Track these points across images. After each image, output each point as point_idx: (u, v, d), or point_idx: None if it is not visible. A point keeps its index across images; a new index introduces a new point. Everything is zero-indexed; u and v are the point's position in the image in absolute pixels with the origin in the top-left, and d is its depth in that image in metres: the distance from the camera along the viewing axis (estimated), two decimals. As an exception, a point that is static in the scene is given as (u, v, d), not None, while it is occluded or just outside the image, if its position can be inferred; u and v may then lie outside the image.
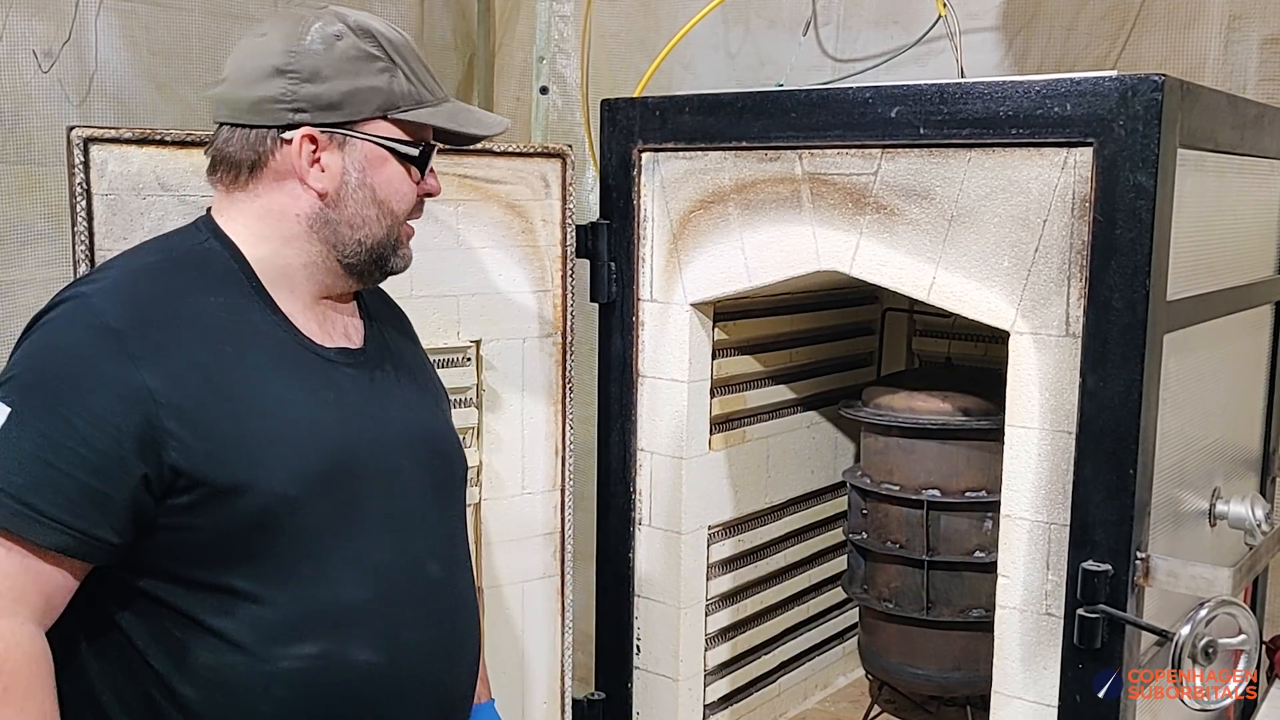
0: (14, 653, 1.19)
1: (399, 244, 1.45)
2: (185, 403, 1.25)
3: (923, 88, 1.72)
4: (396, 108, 1.39)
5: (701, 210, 1.98)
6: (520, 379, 2.07)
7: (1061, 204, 1.62)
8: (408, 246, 1.47)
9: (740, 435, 2.24)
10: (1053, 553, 1.65)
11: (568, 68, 3.14)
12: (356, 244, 1.40)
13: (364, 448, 1.39)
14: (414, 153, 1.41)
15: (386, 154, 1.40)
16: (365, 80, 1.37)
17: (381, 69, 1.38)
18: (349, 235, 1.40)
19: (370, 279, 1.47)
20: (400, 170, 1.41)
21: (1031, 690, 1.69)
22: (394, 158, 1.40)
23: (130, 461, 1.22)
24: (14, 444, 1.21)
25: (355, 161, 1.39)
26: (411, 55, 1.42)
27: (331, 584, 1.33)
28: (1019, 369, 1.67)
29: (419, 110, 1.41)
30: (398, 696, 1.38)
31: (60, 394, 1.23)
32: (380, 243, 1.42)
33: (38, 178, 2.32)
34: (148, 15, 2.50)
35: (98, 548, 1.23)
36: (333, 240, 1.40)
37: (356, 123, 1.38)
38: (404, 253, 1.47)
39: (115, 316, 1.27)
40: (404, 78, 1.40)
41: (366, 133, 1.38)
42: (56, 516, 1.20)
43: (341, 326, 1.46)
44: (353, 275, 1.44)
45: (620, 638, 2.15)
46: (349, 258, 1.41)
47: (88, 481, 1.21)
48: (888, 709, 2.36)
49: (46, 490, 1.20)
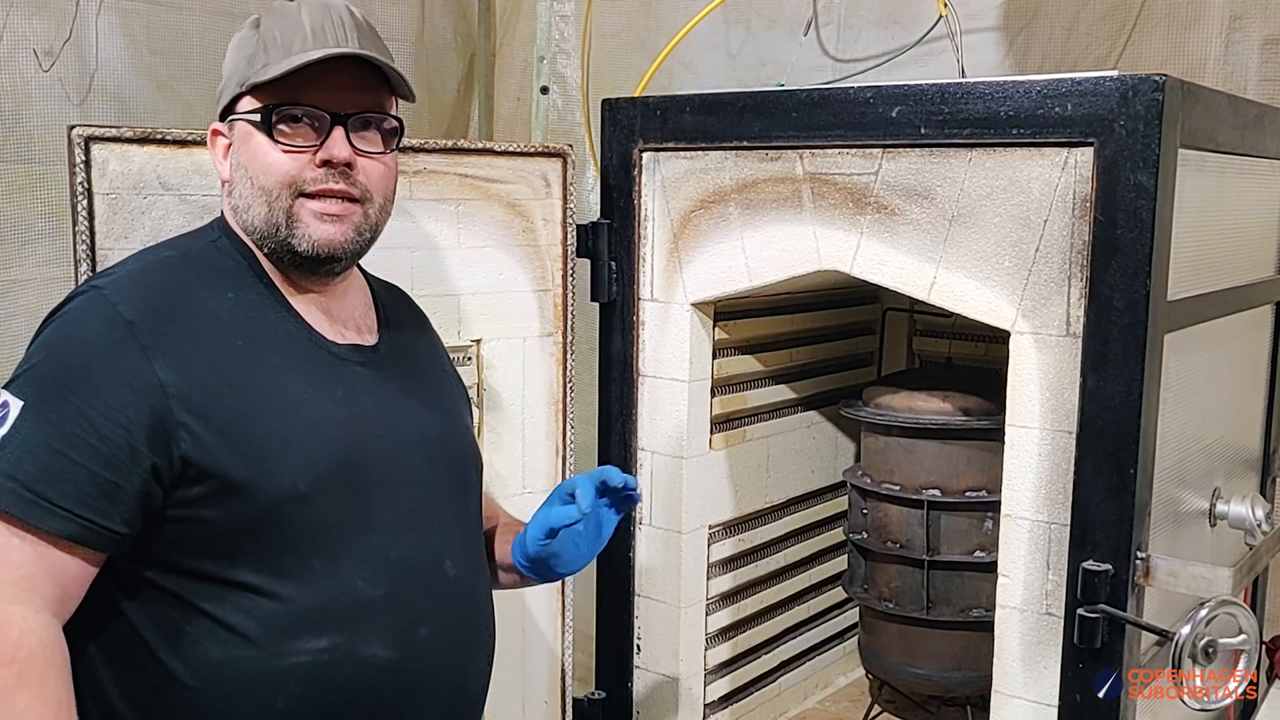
0: (28, 639, 1.20)
1: (293, 221, 1.35)
2: (197, 395, 1.26)
3: (924, 88, 1.72)
4: (247, 80, 1.36)
5: (702, 210, 1.98)
6: (521, 378, 2.07)
7: (1062, 204, 1.62)
8: (315, 224, 1.35)
9: (741, 435, 2.24)
10: (1053, 552, 1.65)
11: (568, 67, 3.14)
12: (251, 227, 1.38)
13: (375, 445, 1.39)
14: (256, 118, 1.36)
15: (250, 128, 1.36)
16: (236, 64, 1.39)
17: (251, 48, 1.37)
18: (244, 219, 1.39)
19: (304, 267, 1.38)
20: (262, 141, 1.35)
21: (1032, 690, 1.69)
22: (254, 129, 1.36)
23: (140, 452, 1.23)
24: (28, 434, 1.22)
25: (237, 145, 1.39)
26: (286, 22, 1.36)
27: (343, 579, 1.33)
28: (1019, 369, 1.67)
29: (263, 71, 1.35)
30: (411, 693, 1.38)
31: (73, 385, 1.24)
32: (267, 221, 1.36)
33: (38, 176, 2.33)
34: (148, 14, 2.50)
35: (107, 537, 1.24)
36: (241, 226, 1.39)
37: (233, 106, 1.38)
38: (304, 231, 1.35)
39: (129, 309, 1.28)
40: (264, 49, 1.36)
41: (237, 112, 1.38)
42: (67, 506, 1.21)
43: (354, 324, 1.46)
44: (282, 262, 1.39)
45: (620, 637, 2.15)
46: (258, 241, 1.39)
47: (98, 472, 1.22)
48: (888, 709, 2.36)
49: (58, 480, 1.21)
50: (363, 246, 1.42)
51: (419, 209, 1.91)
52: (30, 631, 1.20)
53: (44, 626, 1.21)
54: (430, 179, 1.91)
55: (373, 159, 1.39)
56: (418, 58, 3.09)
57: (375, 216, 1.42)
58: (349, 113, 1.36)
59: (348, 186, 1.37)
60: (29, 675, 1.19)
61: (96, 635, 1.31)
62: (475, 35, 3.28)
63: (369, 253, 1.47)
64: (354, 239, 1.39)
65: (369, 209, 1.40)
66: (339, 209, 1.37)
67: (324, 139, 1.35)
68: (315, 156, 1.35)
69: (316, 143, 1.35)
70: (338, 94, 1.36)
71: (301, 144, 1.35)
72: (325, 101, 1.35)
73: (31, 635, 1.20)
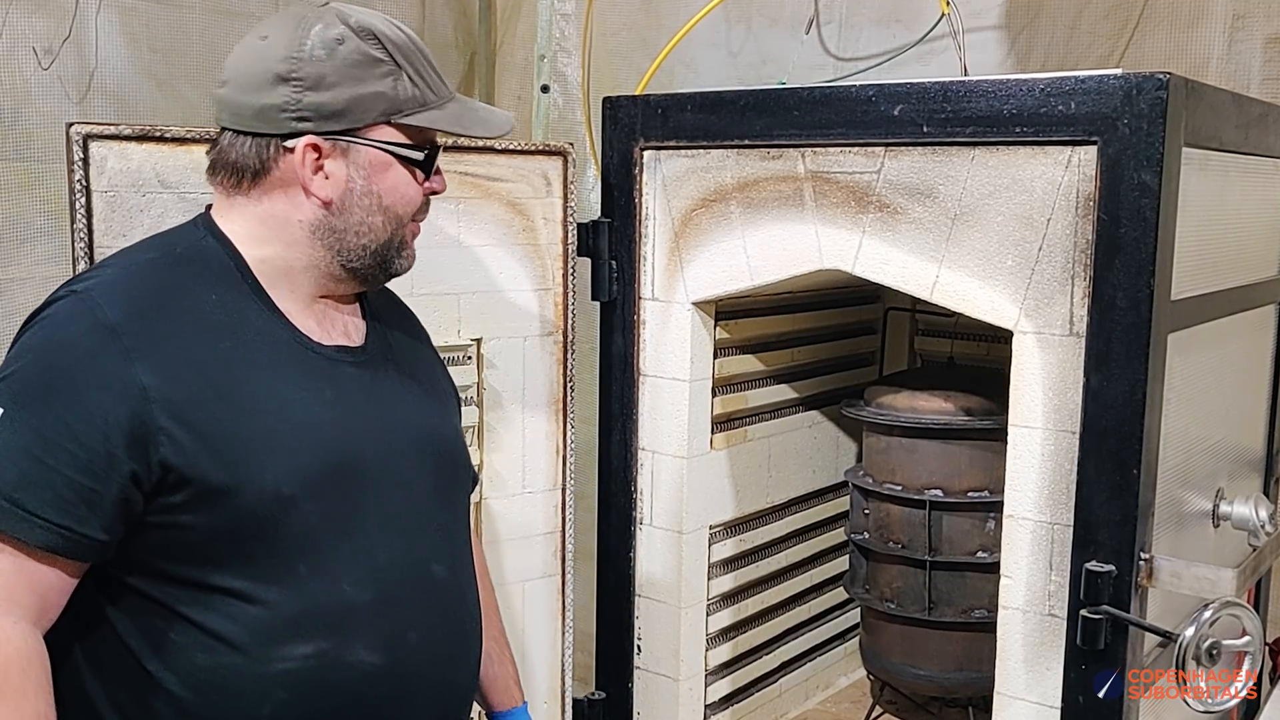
0: (5, 648, 1.19)
1: (403, 245, 1.44)
2: (180, 399, 1.25)
3: (926, 86, 1.71)
4: (400, 112, 1.37)
5: (703, 209, 1.97)
6: (521, 378, 2.07)
7: (1065, 203, 1.61)
8: (412, 247, 1.46)
9: (742, 434, 2.24)
10: (1056, 553, 1.65)
11: (569, 66, 3.13)
12: (362, 249, 1.39)
13: (365, 446, 1.38)
14: (419, 157, 1.40)
15: (391, 159, 1.38)
16: (369, 86, 1.35)
17: (385, 72, 1.36)
18: (354, 241, 1.39)
19: (374, 281, 1.46)
20: (405, 174, 1.40)
21: (1034, 691, 1.68)
22: (398, 162, 1.39)
23: (119, 457, 1.22)
24: (6, 441, 1.21)
25: (359, 168, 1.37)
26: (416, 55, 1.39)
27: (330, 584, 1.32)
28: (1022, 368, 1.66)
29: (423, 113, 1.39)
30: (399, 698, 1.37)
31: (54, 389, 1.23)
32: (384, 245, 1.41)
33: (37, 175, 2.32)
34: (148, 12, 2.50)
35: (87, 545, 1.23)
36: (337, 246, 1.39)
37: (360, 129, 1.36)
38: (408, 254, 1.45)
39: (111, 312, 1.26)
40: (408, 80, 1.38)
41: (370, 138, 1.36)
42: (44, 514, 1.20)
43: (341, 325, 1.45)
44: (355, 278, 1.43)
45: (621, 637, 2.15)
46: (353, 262, 1.40)
47: (76, 478, 1.21)
48: (889, 710, 2.35)
49: (36, 487, 1.20)
50: None
51: (419, 207, 1.90)
52: (8, 640, 1.19)
53: (22, 637, 1.20)
54: (430, 177, 1.91)
55: None
56: (418, 56, 3.08)
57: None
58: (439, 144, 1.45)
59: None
60: (6, 687, 1.18)
61: (81, 643, 1.30)
62: (476, 34, 3.27)
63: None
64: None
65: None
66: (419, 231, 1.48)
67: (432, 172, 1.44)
68: (425, 188, 1.44)
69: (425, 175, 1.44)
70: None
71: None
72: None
73: (9, 644, 1.19)
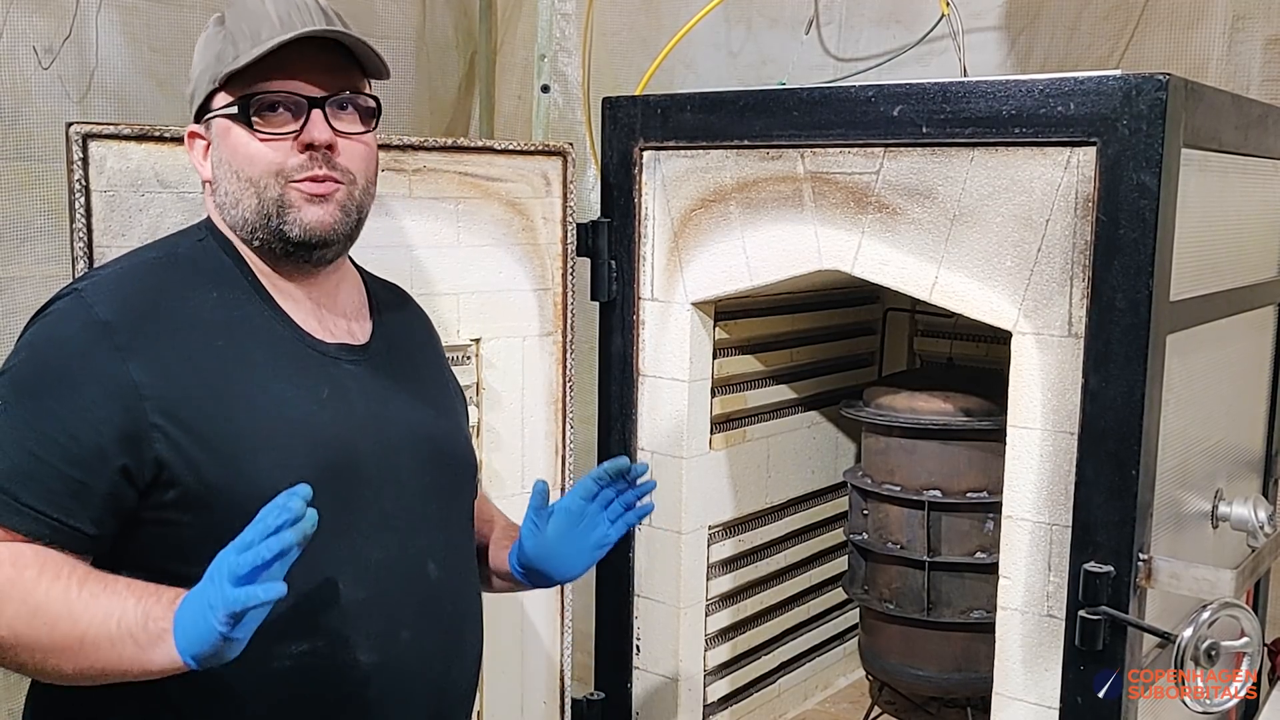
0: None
1: (285, 208, 1.34)
2: (174, 397, 1.25)
3: (925, 86, 1.71)
4: (219, 75, 1.35)
5: (703, 209, 1.97)
6: (520, 377, 2.07)
7: (1064, 203, 1.61)
8: (306, 207, 1.35)
9: (741, 435, 2.24)
10: (1054, 554, 1.65)
11: (569, 66, 3.13)
12: (242, 221, 1.37)
13: (363, 445, 1.38)
14: (233, 111, 1.35)
15: (228, 122, 1.36)
16: (206, 62, 1.38)
17: (219, 42, 1.36)
18: (233, 214, 1.37)
19: (298, 254, 1.38)
20: (241, 134, 1.35)
21: (1033, 692, 1.68)
22: (233, 123, 1.35)
23: (110, 453, 1.23)
24: (2, 433, 1.23)
25: (217, 141, 1.38)
26: (250, 13, 1.35)
27: (323, 582, 1.32)
28: (1021, 369, 1.66)
29: (234, 63, 1.33)
30: (394, 697, 1.37)
31: (49, 386, 1.24)
32: (257, 212, 1.35)
33: (37, 174, 2.33)
34: (148, 12, 2.50)
35: (74, 537, 1.23)
36: (229, 223, 1.39)
37: (208, 104, 1.37)
38: (296, 216, 1.34)
39: (106, 311, 1.27)
40: (233, 43, 1.35)
41: (212, 109, 1.37)
42: (33, 505, 1.21)
43: (345, 323, 1.45)
44: (274, 255, 1.38)
45: (620, 638, 2.15)
46: (247, 237, 1.38)
47: (68, 472, 1.22)
48: (888, 710, 2.35)
49: (27, 479, 1.21)
50: (351, 229, 1.41)
51: (418, 207, 1.90)
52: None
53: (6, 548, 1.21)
54: (430, 177, 1.91)
55: (353, 140, 1.39)
56: (419, 56, 3.08)
57: (360, 197, 1.41)
58: (325, 95, 1.36)
59: (329, 170, 1.36)
60: None
61: None
62: (476, 33, 3.27)
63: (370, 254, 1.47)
64: (342, 220, 1.38)
65: (353, 189, 1.39)
66: (324, 188, 1.36)
67: (303, 124, 1.34)
68: (296, 142, 1.34)
69: (296, 128, 1.34)
70: (312, 77, 1.35)
71: (282, 131, 1.35)
72: (300, 86, 1.35)
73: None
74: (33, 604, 1.18)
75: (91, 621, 1.17)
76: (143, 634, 1.16)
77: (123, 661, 1.17)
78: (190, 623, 1.14)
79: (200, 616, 1.13)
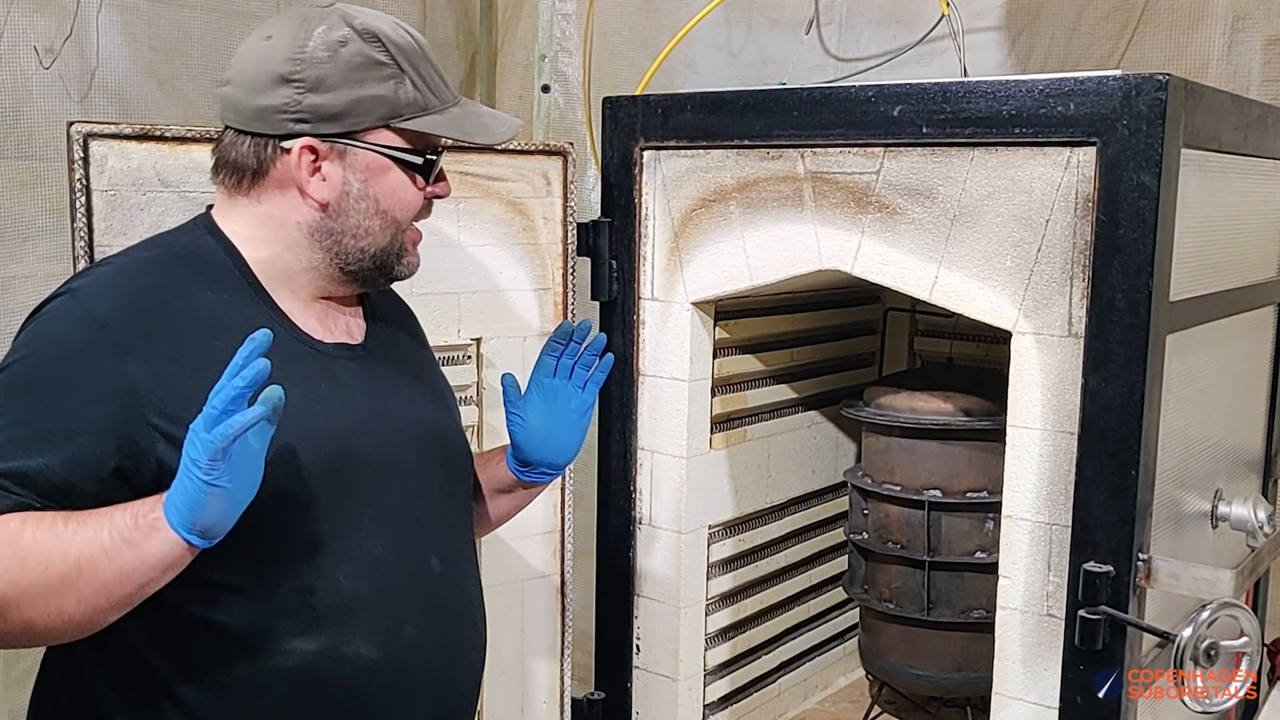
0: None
1: (404, 251, 1.44)
2: (172, 396, 1.25)
3: (926, 86, 1.71)
4: (399, 116, 1.37)
5: (703, 209, 1.97)
6: (521, 377, 2.06)
7: (1064, 203, 1.61)
8: (414, 253, 1.46)
9: (741, 434, 2.24)
10: (1054, 554, 1.65)
11: (570, 66, 3.14)
12: (359, 252, 1.40)
13: (364, 441, 1.39)
14: (418, 162, 1.40)
15: (389, 163, 1.38)
16: (369, 89, 1.35)
17: (387, 75, 1.36)
18: (352, 245, 1.39)
19: (374, 285, 1.46)
20: (403, 179, 1.40)
21: (1032, 692, 1.68)
22: (397, 166, 1.39)
23: (106, 457, 1.22)
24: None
25: (357, 171, 1.37)
26: (420, 58, 1.39)
27: (328, 578, 1.32)
28: (1021, 369, 1.67)
29: (424, 118, 1.38)
30: (398, 692, 1.37)
31: (45, 384, 1.24)
32: (383, 250, 1.41)
33: (39, 173, 2.33)
34: (149, 11, 2.50)
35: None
36: (335, 249, 1.39)
37: (359, 133, 1.36)
38: (409, 260, 1.46)
39: (103, 310, 1.27)
40: (410, 84, 1.37)
41: (369, 142, 1.37)
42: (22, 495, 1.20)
43: (343, 324, 1.46)
44: (355, 281, 1.43)
45: (620, 637, 2.15)
46: (350, 265, 1.40)
47: (61, 472, 1.21)
48: (888, 710, 2.35)
49: (20, 474, 1.21)
50: None
51: (419, 207, 1.90)
52: None
53: None
54: (430, 177, 1.91)
55: None
56: (419, 56, 3.08)
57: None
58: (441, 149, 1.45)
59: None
60: None
61: (85, 640, 1.29)
62: (477, 33, 3.27)
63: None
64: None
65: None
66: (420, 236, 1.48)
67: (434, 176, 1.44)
68: (426, 193, 1.44)
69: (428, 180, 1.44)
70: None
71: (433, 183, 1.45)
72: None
73: None
74: (21, 551, 1.16)
75: (83, 545, 1.16)
76: (135, 532, 1.15)
77: (124, 570, 1.16)
78: (179, 495, 1.14)
79: (186, 479, 1.13)
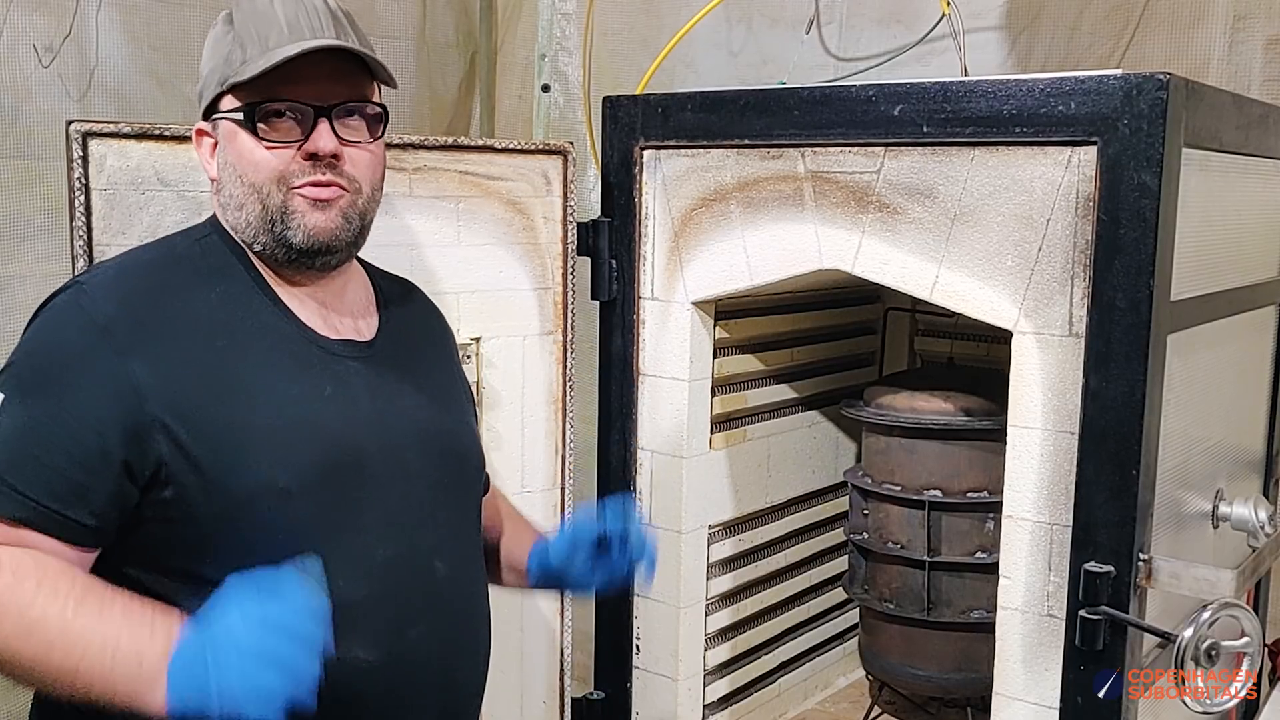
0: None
1: (288, 214, 1.35)
2: (175, 396, 1.25)
3: (926, 86, 1.71)
4: (229, 78, 1.35)
5: (703, 208, 1.97)
6: (520, 377, 2.07)
7: (1065, 203, 1.61)
8: (309, 213, 1.35)
9: (741, 434, 2.24)
10: (1054, 554, 1.65)
11: (570, 65, 3.13)
12: (244, 224, 1.37)
13: (368, 442, 1.38)
14: (239, 117, 1.35)
15: (235, 126, 1.36)
16: (215, 60, 1.38)
17: (229, 43, 1.37)
18: (235, 216, 1.38)
19: (290, 261, 1.38)
20: (248, 139, 1.35)
21: (1033, 692, 1.68)
22: (240, 128, 1.36)
23: (113, 452, 1.22)
24: (3, 431, 1.23)
25: (224, 144, 1.38)
26: (259, 17, 1.35)
27: (331, 581, 1.32)
28: (1021, 369, 1.66)
29: (242, 69, 1.34)
30: (400, 695, 1.36)
31: (48, 386, 1.24)
32: (260, 217, 1.35)
33: (38, 172, 2.32)
34: (148, 10, 2.50)
35: (72, 528, 1.23)
36: (230, 223, 1.39)
37: (216, 105, 1.38)
38: (300, 222, 1.35)
39: (106, 311, 1.27)
40: (241, 46, 1.35)
41: (221, 111, 1.37)
42: (32, 495, 1.20)
43: (350, 320, 1.45)
44: (277, 260, 1.38)
45: (620, 637, 2.15)
46: (250, 240, 1.38)
47: (70, 472, 1.21)
48: (888, 710, 2.35)
49: (28, 473, 1.21)
50: (355, 235, 1.40)
51: (419, 206, 1.90)
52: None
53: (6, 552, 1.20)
54: (430, 176, 1.91)
55: (359, 148, 1.39)
56: (419, 55, 3.08)
57: (364, 205, 1.41)
58: (332, 104, 1.36)
59: (335, 177, 1.36)
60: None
61: None
62: (477, 33, 3.27)
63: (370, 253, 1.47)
64: (344, 226, 1.38)
65: (357, 198, 1.39)
66: (328, 193, 1.36)
67: (309, 132, 1.35)
68: (300, 151, 1.35)
69: (301, 137, 1.35)
70: (319, 85, 1.35)
71: (287, 139, 1.35)
72: (307, 94, 1.35)
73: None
74: (29, 621, 1.16)
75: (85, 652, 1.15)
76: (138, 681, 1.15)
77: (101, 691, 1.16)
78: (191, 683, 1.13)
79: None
